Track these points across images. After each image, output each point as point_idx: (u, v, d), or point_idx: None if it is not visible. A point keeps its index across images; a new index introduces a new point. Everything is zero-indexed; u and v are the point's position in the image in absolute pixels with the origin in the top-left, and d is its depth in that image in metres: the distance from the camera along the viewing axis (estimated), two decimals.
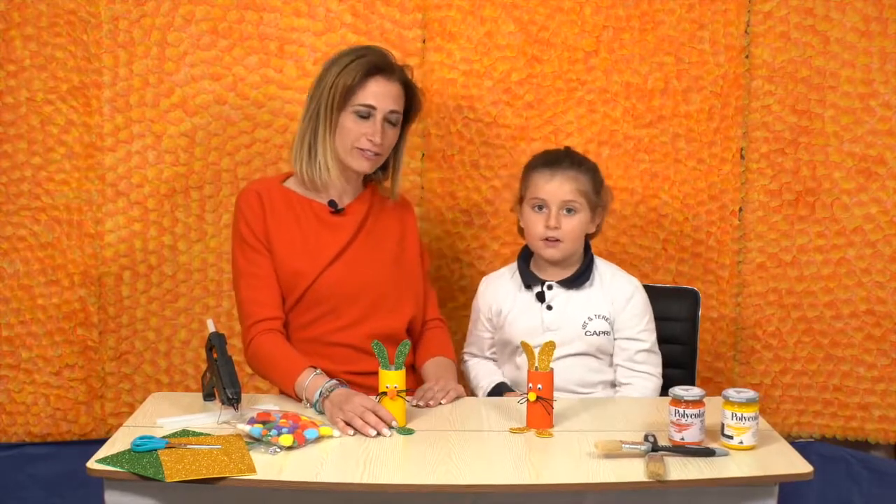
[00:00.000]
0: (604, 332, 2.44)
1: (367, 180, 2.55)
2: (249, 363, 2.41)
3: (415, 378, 2.48)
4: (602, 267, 2.51)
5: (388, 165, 2.53)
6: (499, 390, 2.48)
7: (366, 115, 2.39)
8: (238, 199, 2.46)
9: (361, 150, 2.41)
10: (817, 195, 2.90)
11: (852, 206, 2.89)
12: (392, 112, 2.42)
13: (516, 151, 2.91)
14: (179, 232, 2.89)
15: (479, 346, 2.60)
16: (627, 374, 2.45)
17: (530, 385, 2.12)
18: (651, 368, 2.46)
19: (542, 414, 2.12)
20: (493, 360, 2.59)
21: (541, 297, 2.46)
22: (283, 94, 2.86)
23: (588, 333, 2.44)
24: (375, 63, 2.40)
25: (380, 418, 2.09)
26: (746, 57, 2.87)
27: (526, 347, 2.15)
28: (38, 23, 2.79)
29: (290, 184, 2.49)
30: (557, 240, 2.41)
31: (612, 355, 2.47)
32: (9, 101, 2.81)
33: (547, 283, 2.47)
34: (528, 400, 2.13)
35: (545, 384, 2.12)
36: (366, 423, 2.07)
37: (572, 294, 2.46)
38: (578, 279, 2.46)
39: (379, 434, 2.06)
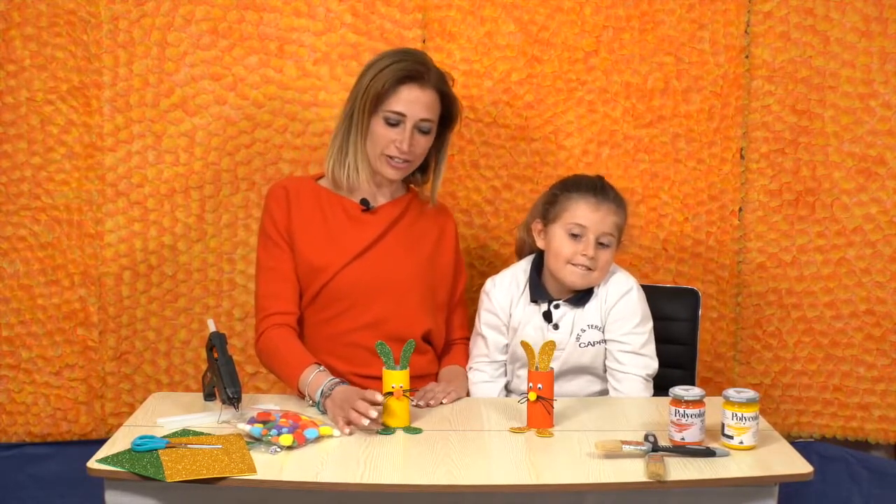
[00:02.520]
0: (598, 342, 2.43)
1: (408, 182, 2.55)
2: (258, 357, 2.42)
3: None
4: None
5: (428, 169, 2.53)
6: None
7: (395, 122, 2.38)
8: (266, 195, 2.49)
9: (390, 157, 2.40)
10: (817, 195, 2.90)
11: (852, 206, 2.88)
12: (423, 120, 2.40)
13: (516, 151, 2.90)
14: (179, 232, 2.89)
15: (485, 351, 2.51)
16: (613, 380, 2.42)
17: (530, 385, 2.12)
18: (635, 369, 2.40)
19: (542, 414, 2.12)
20: (501, 369, 2.52)
21: (548, 317, 2.44)
22: (283, 94, 2.86)
23: (582, 346, 2.42)
24: (409, 70, 2.37)
25: (367, 402, 2.08)
26: (746, 57, 2.87)
27: (526, 347, 2.15)
28: (38, 23, 2.79)
29: (325, 182, 2.50)
30: (589, 269, 2.38)
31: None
32: (9, 101, 2.81)
33: (554, 303, 2.44)
34: (528, 400, 2.13)
35: (545, 384, 2.12)
36: (360, 414, 2.06)
37: (577, 311, 2.43)
38: (586, 296, 2.43)
39: (371, 421, 2.06)
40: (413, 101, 2.38)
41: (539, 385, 2.11)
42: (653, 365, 2.43)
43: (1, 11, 2.77)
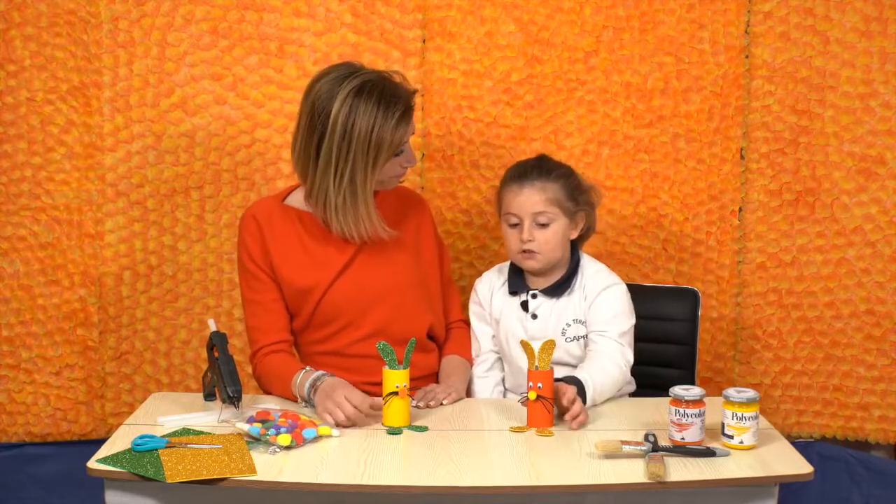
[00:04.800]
0: (582, 337, 2.41)
1: None
2: (258, 385, 2.42)
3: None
4: (587, 267, 2.45)
5: None
6: None
7: (402, 150, 2.35)
8: (238, 227, 2.45)
9: (397, 176, 2.39)
10: (817, 195, 2.90)
11: (852, 206, 2.88)
12: (414, 132, 2.40)
13: (516, 151, 2.90)
14: (179, 232, 2.89)
15: (477, 345, 2.53)
16: (590, 353, 2.37)
17: (531, 384, 2.12)
18: (615, 356, 2.32)
19: (542, 413, 2.12)
20: (496, 362, 2.53)
21: (525, 307, 2.44)
22: (283, 94, 2.86)
23: (568, 340, 2.41)
24: (406, 108, 2.30)
25: (356, 407, 2.12)
26: (746, 57, 2.87)
27: (526, 346, 2.15)
28: (38, 23, 2.79)
29: (293, 200, 2.45)
30: (534, 251, 2.39)
31: None
32: (9, 101, 2.81)
33: (531, 292, 2.44)
34: (528, 399, 2.13)
35: (545, 383, 2.12)
36: (346, 416, 2.11)
37: (556, 302, 2.43)
38: (562, 286, 2.42)
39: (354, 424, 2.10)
40: (412, 125, 2.36)
41: (539, 384, 2.11)
42: (628, 354, 2.36)
43: (1, 11, 2.78)
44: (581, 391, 2.17)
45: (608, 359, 2.31)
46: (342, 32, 2.85)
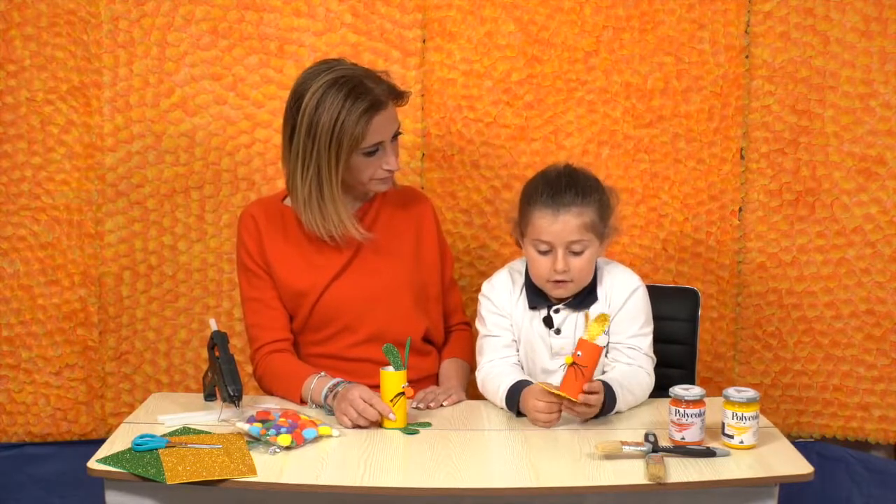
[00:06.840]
0: (604, 345, 2.33)
1: None
2: (259, 385, 2.42)
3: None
4: (605, 270, 2.38)
5: None
6: (517, 390, 2.22)
7: (374, 150, 2.31)
8: (237, 225, 2.45)
9: (379, 179, 2.36)
10: (817, 195, 2.90)
11: (852, 206, 2.88)
12: (396, 134, 2.36)
13: (516, 151, 2.90)
14: (179, 232, 2.89)
15: (501, 354, 2.38)
16: (621, 361, 2.35)
17: (578, 353, 2.09)
18: (650, 375, 2.33)
19: (572, 381, 2.08)
20: (518, 364, 2.39)
21: (548, 322, 2.34)
22: (283, 94, 2.83)
23: None
24: (370, 103, 2.26)
25: (376, 409, 2.12)
26: (746, 57, 2.87)
27: (586, 317, 2.15)
28: (38, 23, 2.79)
29: (291, 202, 2.44)
30: (566, 281, 2.28)
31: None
32: (9, 101, 2.81)
33: (553, 308, 2.34)
34: (565, 363, 2.11)
35: (587, 354, 2.09)
36: (361, 416, 2.10)
37: (580, 315, 2.32)
38: (587, 298, 2.33)
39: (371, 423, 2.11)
40: (384, 125, 2.31)
41: (579, 352, 2.09)
42: (653, 364, 2.39)
43: (1, 11, 2.78)
44: (609, 401, 2.16)
45: (646, 378, 2.31)
46: (342, 32, 2.85)
